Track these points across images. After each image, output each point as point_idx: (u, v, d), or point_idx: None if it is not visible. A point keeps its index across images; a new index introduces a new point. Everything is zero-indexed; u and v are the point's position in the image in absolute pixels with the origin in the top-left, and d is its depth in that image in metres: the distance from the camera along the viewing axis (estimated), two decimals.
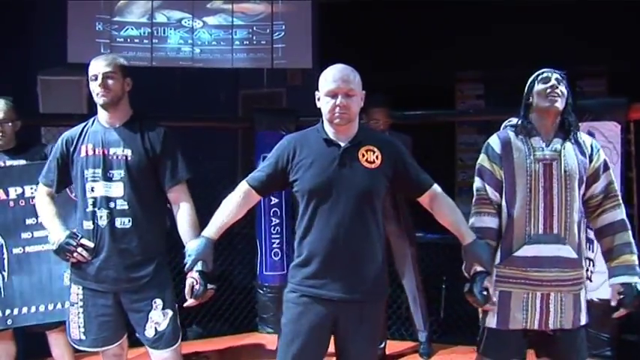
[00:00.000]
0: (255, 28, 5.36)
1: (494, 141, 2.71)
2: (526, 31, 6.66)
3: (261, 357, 4.25)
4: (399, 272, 4.06)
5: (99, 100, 2.78)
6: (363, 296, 2.51)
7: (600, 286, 3.95)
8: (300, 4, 5.41)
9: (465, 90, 7.68)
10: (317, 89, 2.55)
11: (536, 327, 2.58)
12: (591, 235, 3.95)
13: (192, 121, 4.81)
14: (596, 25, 6.46)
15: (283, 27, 5.34)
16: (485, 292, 2.55)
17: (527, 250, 2.58)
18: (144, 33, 5.34)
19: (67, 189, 2.98)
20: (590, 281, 3.98)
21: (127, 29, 5.34)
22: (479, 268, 2.58)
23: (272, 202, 4.33)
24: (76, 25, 5.15)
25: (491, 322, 2.62)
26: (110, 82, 2.77)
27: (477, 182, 2.72)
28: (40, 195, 2.91)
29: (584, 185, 2.64)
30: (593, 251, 3.98)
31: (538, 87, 2.66)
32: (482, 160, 2.72)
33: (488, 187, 2.68)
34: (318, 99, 2.55)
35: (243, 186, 2.62)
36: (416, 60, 7.01)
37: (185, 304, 2.65)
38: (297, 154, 2.54)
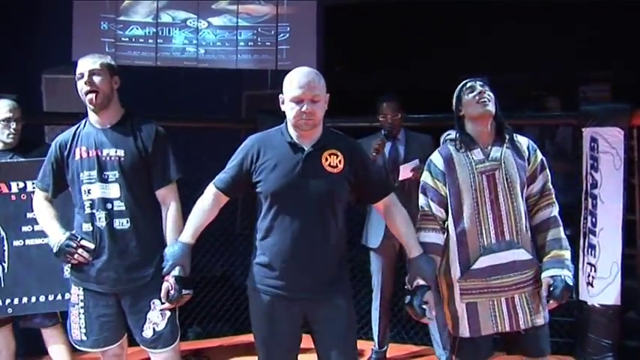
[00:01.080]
0: (259, 30, 5.36)
1: (436, 158, 2.76)
2: (530, 36, 6.67)
3: None
4: None
5: (87, 100, 2.75)
6: (325, 295, 2.56)
7: (602, 292, 3.97)
8: (305, 6, 5.41)
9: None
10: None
11: (507, 329, 2.66)
12: (594, 241, 3.98)
13: (196, 122, 4.81)
14: (601, 31, 6.47)
15: (288, 28, 5.35)
16: (424, 306, 2.61)
17: (484, 261, 2.65)
18: (149, 33, 5.35)
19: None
20: (592, 287, 3.99)
21: (132, 29, 5.34)
22: (421, 282, 2.63)
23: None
24: (81, 24, 5.15)
25: (464, 332, 2.69)
26: (97, 78, 2.74)
27: (422, 199, 2.77)
28: (38, 199, 2.91)
29: (525, 187, 2.71)
30: (595, 257, 3.99)
31: (466, 97, 2.71)
32: (426, 177, 2.77)
33: (432, 204, 2.73)
34: (282, 102, 2.57)
35: (211, 189, 2.67)
36: (419, 62, 7.01)
37: (160, 308, 2.76)
38: (261, 155, 2.56)
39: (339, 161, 2.55)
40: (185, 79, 5.81)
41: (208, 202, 2.66)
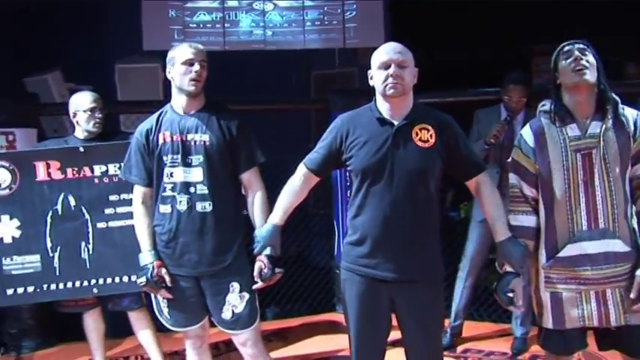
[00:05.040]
0: (326, 9, 5.32)
1: (526, 133, 2.53)
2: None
3: (339, 336, 4.26)
4: None
5: (190, 87, 2.79)
6: (415, 276, 2.50)
7: None
8: None
9: (541, 64, 7.45)
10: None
11: (595, 324, 2.42)
12: None
13: (268, 104, 4.84)
14: None
15: (354, 6, 5.29)
16: (510, 294, 2.45)
17: (572, 250, 2.40)
18: (216, 18, 5.38)
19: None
20: None
21: (199, 14, 5.38)
22: (508, 268, 2.49)
23: (349, 183, 4.30)
24: (149, 13, 5.23)
25: (547, 322, 2.49)
26: (204, 71, 2.81)
27: (512, 178, 2.56)
28: (136, 200, 2.93)
29: (629, 168, 2.42)
30: None
31: (562, 64, 2.43)
32: (516, 154, 2.55)
33: (523, 184, 2.51)
34: (371, 77, 2.54)
35: (301, 169, 2.67)
36: (489, 35, 6.84)
37: (253, 287, 2.78)
38: (351, 133, 2.54)
39: (430, 135, 2.49)
40: (252, 61, 5.83)
41: (299, 182, 2.66)
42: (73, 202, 3.31)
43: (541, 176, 2.47)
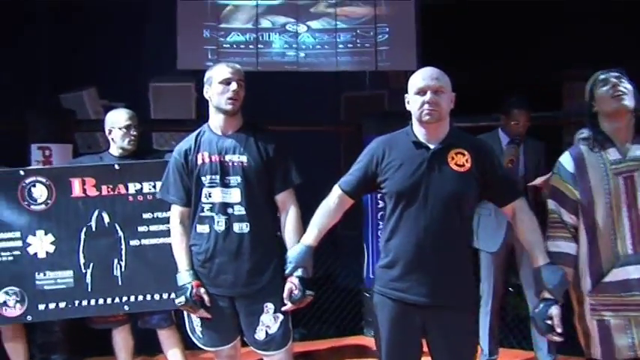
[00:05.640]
0: (358, 31, 5.35)
1: (565, 159, 2.53)
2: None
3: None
4: (523, 282, 3.93)
5: (227, 106, 2.81)
6: (447, 302, 2.48)
7: None
8: (403, 5, 5.37)
9: (572, 89, 7.40)
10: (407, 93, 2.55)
11: None
12: None
13: (301, 125, 4.87)
14: None
15: (387, 29, 5.32)
16: (549, 322, 2.41)
17: (618, 274, 2.38)
18: (249, 39, 5.44)
19: None
20: None
21: (233, 35, 5.44)
22: (547, 295, 2.44)
23: (379, 205, 4.30)
24: (184, 32, 5.30)
25: (596, 354, 2.44)
26: (241, 90, 2.84)
27: (551, 204, 2.56)
28: (174, 219, 2.94)
29: None
30: None
31: (599, 92, 2.46)
32: (555, 180, 2.55)
33: (562, 210, 2.51)
34: (408, 102, 2.54)
35: (336, 191, 2.67)
36: (522, 59, 6.82)
37: (283, 309, 2.77)
38: (386, 156, 2.54)
39: (466, 160, 2.48)
40: (283, 82, 5.88)
41: (333, 204, 2.67)
42: (107, 219, 3.32)
43: (582, 202, 2.46)
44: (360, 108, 5.79)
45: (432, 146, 2.50)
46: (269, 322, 2.83)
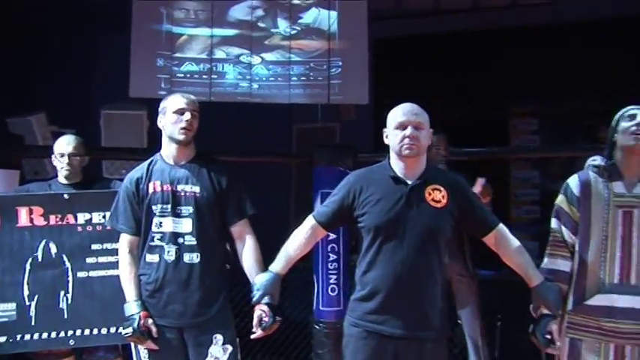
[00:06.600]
0: (312, 64, 5.39)
1: (573, 182, 2.65)
2: (582, 61, 6.56)
3: None
4: (460, 314, 3.97)
5: (180, 136, 2.83)
6: (423, 334, 2.53)
7: None
8: (356, 40, 5.42)
9: (519, 125, 7.60)
10: (384, 126, 2.61)
11: None
12: None
13: (252, 156, 4.86)
14: None
15: (340, 63, 5.37)
16: (548, 336, 2.52)
17: (601, 300, 2.50)
18: (203, 69, 5.42)
19: None
20: None
21: (187, 65, 5.42)
22: (545, 311, 2.56)
23: (330, 238, 4.31)
24: (138, 60, 5.24)
25: None
26: (194, 118, 2.85)
27: (554, 223, 2.68)
28: (123, 248, 2.93)
29: None
30: None
31: (623, 124, 2.57)
32: (561, 201, 2.67)
33: (564, 229, 2.63)
34: (386, 136, 2.61)
35: (309, 221, 2.70)
36: (470, 96, 6.98)
37: (253, 336, 2.76)
38: (364, 190, 2.59)
39: (442, 196, 2.56)
40: (236, 113, 5.88)
41: (306, 234, 2.69)
42: (54, 250, 3.26)
43: (581, 225, 2.58)
44: (312, 140, 5.80)
45: (409, 182, 2.56)
46: (218, 353, 2.82)
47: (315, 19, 5.46)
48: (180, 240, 2.81)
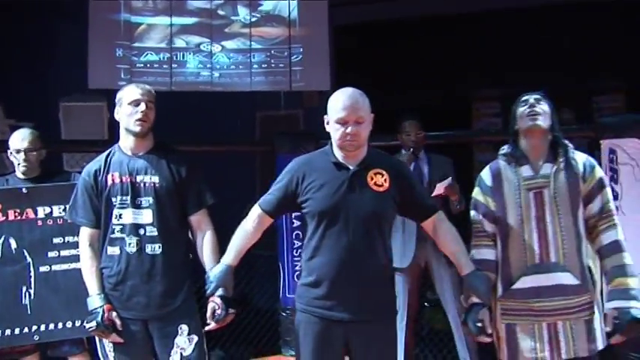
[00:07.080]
0: (273, 52, 5.37)
1: (485, 173, 2.76)
2: (541, 45, 6.66)
3: None
4: (441, 297, 4.03)
5: (136, 127, 2.80)
6: (371, 316, 2.56)
7: None
8: (317, 27, 5.42)
9: (481, 108, 7.68)
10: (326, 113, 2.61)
11: (547, 357, 2.54)
12: None
13: (214, 145, 4.83)
14: (613, 39, 6.46)
15: (301, 49, 5.36)
16: (479, 324, 2.59)
17: (526, 282, 2.58)
18: (163, 58, 5.37)
19: None
20: None
21: (147, 55, 5.36)
22: (475, 300, 2.63)
23: (294, 225, 4.33)
24: (96, 51, 5.17)
25: (503, 355, 2.63)
26: (150, 109, 2.83)
27: (473, 215, 2.77)
28: (83, 242, 2.90)
29: (581, 207, 2.62)
30: None
31: (519, 110, 2.67)
32: (476, 193, 2.77)
33: (483, 220, 2.72)
34: (327, 123, 2.61)
35: (255, 210, 2.71)
36: (431, 80, 7.03)
37: (206, 328, 2.77)
38: (307, 176, 2.61)
39: (385, 180, 2.58)
40: (197, 102, 5.84)
41: (253, 223, 2.70)
42: (14, 245, 3.21)
43: (497, 213, 2.66)
44: (275, 127, 5.80)
45: (351, 167, 2.58)
46: (183, 344, 2.82)
47: (275, 6, 5.44)
48: (142, 231, 2.79)
